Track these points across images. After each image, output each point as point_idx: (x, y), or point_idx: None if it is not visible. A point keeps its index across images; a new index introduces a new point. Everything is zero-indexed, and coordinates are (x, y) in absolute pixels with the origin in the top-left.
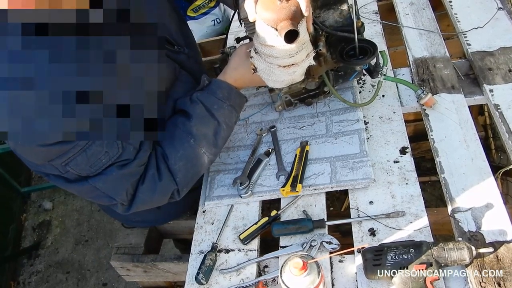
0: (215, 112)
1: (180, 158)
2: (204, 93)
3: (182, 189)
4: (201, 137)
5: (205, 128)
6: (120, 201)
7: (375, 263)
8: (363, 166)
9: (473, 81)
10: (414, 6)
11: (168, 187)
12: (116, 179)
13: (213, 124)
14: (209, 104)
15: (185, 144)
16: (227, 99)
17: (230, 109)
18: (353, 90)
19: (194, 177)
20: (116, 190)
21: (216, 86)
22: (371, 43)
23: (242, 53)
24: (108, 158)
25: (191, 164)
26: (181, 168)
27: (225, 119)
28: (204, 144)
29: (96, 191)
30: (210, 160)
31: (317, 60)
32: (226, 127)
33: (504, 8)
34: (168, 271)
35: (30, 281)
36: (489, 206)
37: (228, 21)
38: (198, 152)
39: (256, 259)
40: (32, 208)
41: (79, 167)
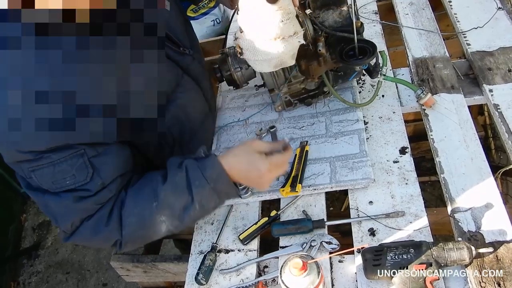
0: (193, 188)
1: (134, 214)
2: (195, 164)
3: (126, 243)
4: (165, 206)
5: (175, 199)
6: (63, 228)
7: (375, 263)
8: (362, 166)
9: (472, 81)
10: (413, 6)
11: (111, 235)
12: (68, 208)
13: (186, 199)
14: (193, 177)
15: (146, 204)
16: (213, 182)
17: (211, 193)
18: (353, 90)
19: (143, 238)
20: (63, 217)
21: (209, 164)
22: (370, 43)
23: (248, 145)
24: (73, 182)
25: (143, 226)
26: (131, 224)
27: (201, 200)
28: (167, 214)
29: (46, 208)
30: (169, 230)
31: (317, 60)
32: (200, 208)
33: (503, 8)
34: (168, 271)
35: (30, 282)
36: (488, 206)
37: (228, 21)
38: (156, 219)
39: (256, 259)
40: (32, 209)
41: (42, 179)
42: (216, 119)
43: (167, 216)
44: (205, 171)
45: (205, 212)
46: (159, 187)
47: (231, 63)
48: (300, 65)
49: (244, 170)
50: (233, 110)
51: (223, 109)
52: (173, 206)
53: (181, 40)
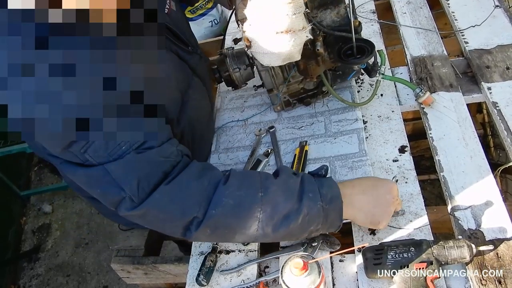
0: (305, 198)
1: (234, 197)
2: (312, 178)
3: (205, 228)
4: (270, 201)
5: (283, 200)
6: (129, 193)
7: (375, 262)
8: (362, 165)
9: (471, 79)
10: (411, 5)
11: (192, 207)
12: (129, 163)
13: (293, 205)
14: (307, 188)
15: (251, 191)
16: (325, 202)
17: (319, 212)
18: (352, 90)
19: (227, 229)
20: (126, 177)
21: (327, 183)
22: (368, 43)
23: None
24: (128, 146)
25: (237, 214)
26: (226, 206)
27: (307, 214)
28: (267, 211)
29: (106, 177)
30: (254, 236)
31: (315, 60)
32: (301, 223)
33: (501, 6)
34: (168, 272)
35: (31, 285)
36: (488, 204)
37: (226, 22)
38: (253, 212)
39: (256, 259)
40: (31, 212)
41: (97, 154)
42: (215, 120)
43: (266, 214)
44: (321, 188)
45: (299, 233)
46: (269, 180)
47: (229, 64)
48: (298, 65)
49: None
50: (232, 111)
51: (222, 109)
52: (277, 206)
53: (189, 39)
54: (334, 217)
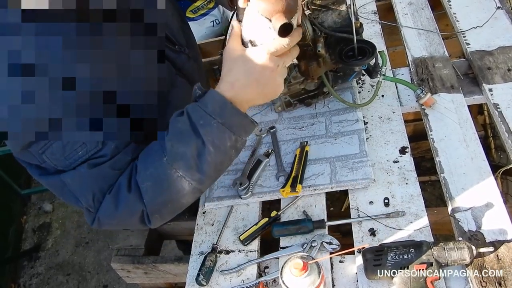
0: (200, 128)
1: (148, 177)
2: (195, 105)
3: (153, 214)
4: (176, 157)
5: (183, 146)
6: (85, 205)
7: (375, 263)
8: (362, 166)
9: (472, 80)
10: (413, 6)
11: (134, 205)
12: (84, 177)
13: (195, 143)
14: (196, 118)
15: (156, 162)
16: (218, 116)
17: (221, 129)
18: (353, 91)
19: (168, 204)
20: (82, 190)
21: (209, 98)
22: (370, 44)
23: (231, 51)
24: (85, 151)
25: (161, 188)
26: (148, 189)
27: (213, 140)
28: (181, 166)
29: (64, 188)
30: (194, 188)
31: (316, 61)
32: (215, 150)
33: (503, 7)
34: (168, 272)
35: (31, 283)
36: (489, 206)
37: (227, 22)
38: (171, 174)
39: (256, 260)
40: (32, 210)
41: (54, 157)
42: None
43: (183, 169)
44: (206, 107)
45: (223, 154)
46: (164, 140)
47: None
48: (299, 66)
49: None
50: None
51: None
52: (185, 155)
53: (177, 38)
54: (237, 120)
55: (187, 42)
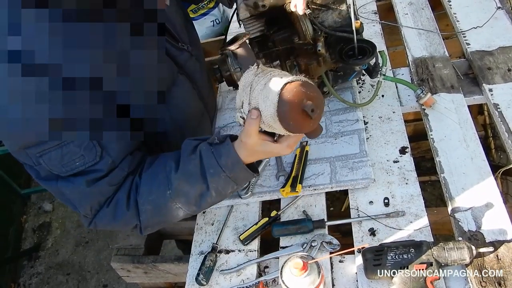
0: (208, 176)
1: (149, 202)
2: (209, 150)
3: (145, 228)
4: (180, 194)
5: (189, 188)
6: (83, 213)
7: (375, 263)
8: (363, 166)
9: (472, 80)
10: (413, 6)
11: (131, 220)
12: (83, 193)
13: (201, 187)
14: (207, 165)
15: (160, 192)
16: (229, 170)
17: (227, 181)
18: (353, 90)
19: (160, 223)
20: (81, 203)
21: (225, 151)
22: (370, 43)
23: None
24: (82, 162)
25: (159, 213)
26: (147, 211)
27: (217, 187)
28: (182, 201)
29: (62, 196)
30: (187, 214)
31: (316, 61)
32: (216, 195)
33: (503, 7)
34: (168, 272)
35: (31, 283)
36: (489, 206)
37: (227, 22)
38: (171, 206)
39: (256, 259)
40: (32, 210)
41: (51, 163)
42: (216, 119)
43: (183, 203)
44: (220, 159)
45: (221, 198)
46: (172, 175)
47: (230, 64)
48: (299, 65)
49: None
50: (233, 111)
51: (223, 109)
52: (188, 194)
53: (180, 35)
54: (243, 175)
55: (190, 40)
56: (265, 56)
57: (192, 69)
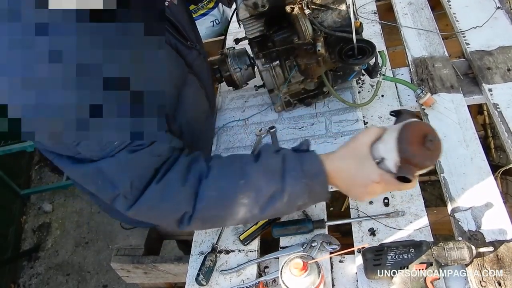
0: (288, 177)
1: (216, 189)
2: (293, 154)
3: (196, 218)
4: (252, 187)
5: (264, 183)
6: (123, 191)
7: (375, 263)
8: None
9: (472, 80)
10: (412, 6)
11: (181, 204)
12: (123, 163)
13: (276, 187)
14: (289, 166)
15: (232, 180)
16: (309, 178)
17: (303, 189)
18: (352, 90)
19: (215, 219)
20: (120, 177)
21: (309, 158)
22: (369, 43)
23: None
24: (121, 141)
25: (222, 204)
26: (210, 199)
27: (292, 193)
28: (251, 197)
29: (100, 175)
30: (245, 218)
31: (316, 61)
32: (287, 202)
33: (502, 7)
34: (168, 272)
35: (31, 284)
36: (488, 205)
37: (227, 22)
38: (238, 199)
39: (256, 259)
40: (32, 210)
41: (89, 148)
42: (216, 119)
43: (251, 199)
44: (303, 165)
45: (287, 209)
46: (249, 165)
47: (230, 64)
48: (299, 65)
49: (350, 175)
50: (233, 111)
51: (223, 109)
52: (260, 190)
53: (188, 34)
54: (320, 191)
55: (197, 39)
56: (264, 56)
57: (200, 68)
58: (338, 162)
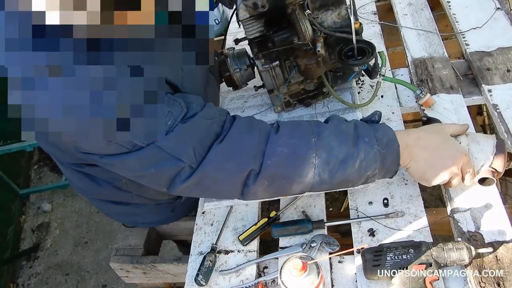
0: (361, 142)
1: (288, 145)
2: (365, 124)
3: (262, 180)
4: (324, 146)
5: (336, 144)
6: (187, 161)
7: (374, 264)
8: None
9: (471, 81)
10: (412, 7)
11: (247, 161)
12: (180, 134)
13: (348, 150)
14: (363, 133)
15: (304, 137)
16: (382, 146)
17: (376, 157)
18: (352, 91)
19: (283, 180)
20: (181, 147)
21: (383, 129)
22: (369, 44)
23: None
24: (173, 119)
25: (292, 162)
26: (281, 155)
27: (364, 158)
28: (322, 157)
29: (160, 153)
30: (311, 184)
31: (316, 61)
32: (358, 168)
33: (502, 8)
34: (167, 272)
35: (30, 283)
36: (488, 206)
37: (227, 22)
38: (309, 158)
39: (255, 260)
40: (31, 210)
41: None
42: None
43: (322, 159)
44: (377, 132)
45: (356, 178)
46: (321, 126)
47: (230, 64)
48: (299, 66)
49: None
50: (233, 111)
51: None
52: (332, 151)
53: None
54: (391, 161)
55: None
56: (264, 57)
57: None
58: (420, 132)
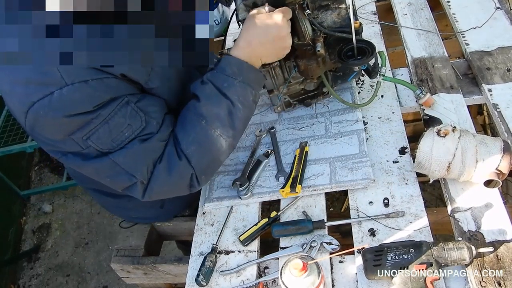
0: (226, 90)
1: (191, 142)
2: (214, 72)
3: (200, 175)
4: (213, 118)
5: (217, 108)
6: (140, 178)
7: (375, 264)
8: (362, 166)
9: (471, 80)
10: (412, 7)
11: (184, 170)
12: (137, 153)
13: (226, 103)
14: (219, 83)
15: (196, 127)
16: (238, 75)
17: (243, 86)
18: (352, 91)
19: (211, 163)
20: (136, 165)
21: (225, 63)
22: (369, 44)
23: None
24: (131, 132)
25: (205, 149)
26: (194, 153)
27: (239, 98)
28: (218, 126)
29: (115, 168)
30: (230, 144)
31: (316, 61)
32: (242, 107)
33: (502, 7)
34: (168, 273)
35: (30, 284)
36: (488, 206)
37: (227, 23)
38: (212, 134)
39: (256, 260)
40: (31, 211)
41: (100, 141)
42: None
43: (220, 127)
44: (225, 71)
45: (248, 110)
46: (197, 107)
47: None
48: (299, 66)
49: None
50: None
51: None
52: (219, 115)
53: None
54: (253, 76)
55: None
56: None
57: None
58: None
